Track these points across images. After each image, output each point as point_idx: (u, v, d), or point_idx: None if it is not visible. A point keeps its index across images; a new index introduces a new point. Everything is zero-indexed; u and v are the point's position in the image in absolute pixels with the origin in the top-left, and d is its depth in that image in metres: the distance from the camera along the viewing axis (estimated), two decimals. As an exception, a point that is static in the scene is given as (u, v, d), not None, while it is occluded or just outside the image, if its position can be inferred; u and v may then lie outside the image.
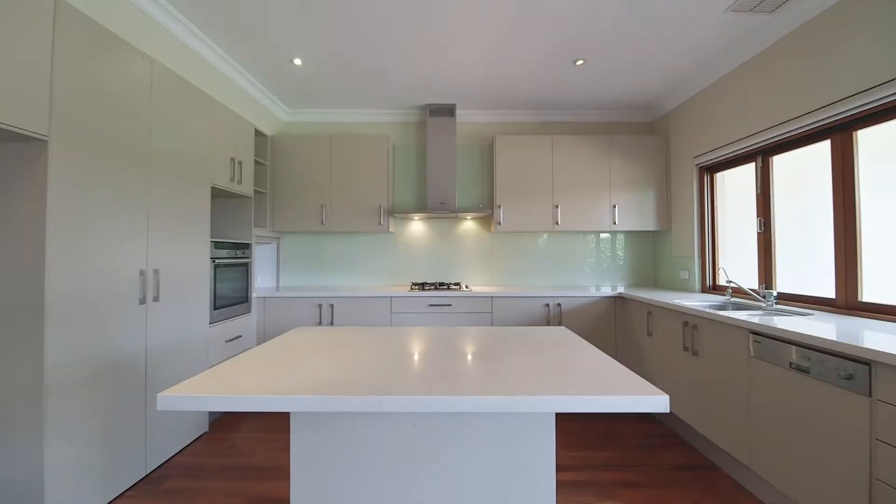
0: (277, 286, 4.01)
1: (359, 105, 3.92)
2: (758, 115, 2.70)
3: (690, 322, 2.42)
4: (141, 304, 2.11)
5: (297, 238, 4.11)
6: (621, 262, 4.09)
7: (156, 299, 2.21)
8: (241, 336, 3.11)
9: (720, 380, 2.18)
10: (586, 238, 4.11)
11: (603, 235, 4.12)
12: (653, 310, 2.88)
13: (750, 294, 2.66)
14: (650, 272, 4.08)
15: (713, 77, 3.11)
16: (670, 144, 3.75)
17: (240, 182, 3.09)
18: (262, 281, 4.01)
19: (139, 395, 2.12)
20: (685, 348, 2.46)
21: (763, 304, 2.51)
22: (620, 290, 3.54)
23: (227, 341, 2.93)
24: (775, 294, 2.46)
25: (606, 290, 3.52)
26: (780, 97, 2.53)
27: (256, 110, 3.64)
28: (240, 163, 3.08)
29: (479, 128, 4.11)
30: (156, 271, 2.21)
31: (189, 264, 2.49)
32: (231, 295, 3.02)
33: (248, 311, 3.28)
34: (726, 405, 2.14)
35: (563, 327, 1.77)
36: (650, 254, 4.09)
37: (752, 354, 1.96)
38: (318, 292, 3.43)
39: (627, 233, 4.09)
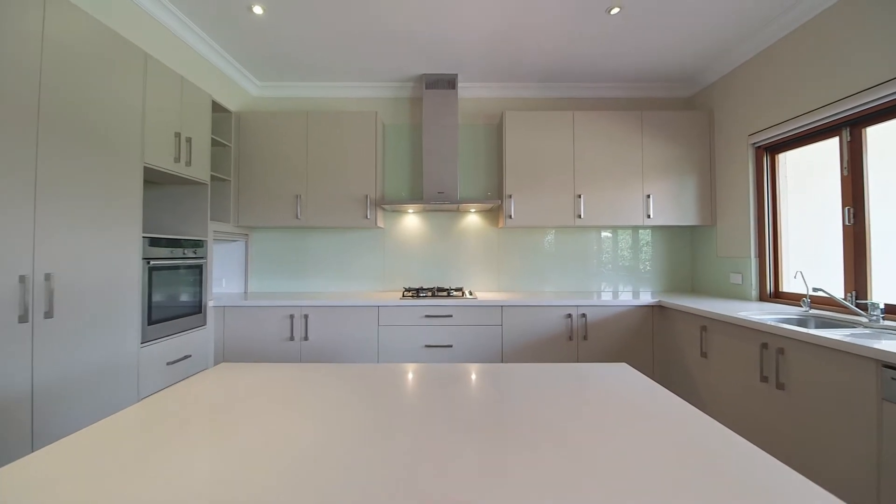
0: (246, 292, 3.45)
1: (341, 77, 3.36)
2: (844, 76, 2.14)
3: (772, 344, 1.85)
4: (22, 322, 1.55)
5: (269, 235, 3.54)
6: (649, 264, 3.53)
7: (48, 315, 1.64)
8: (189, 356, 2.54)
9: (826, 427, 1.62)
10: (612, 235, 3.55)
11: (630, 232, 3.55)
12: (710, 324, 2.31)
13: (845, 306, 2.09)
14: (686, 275, 3.52)
15: (778, 34, 2.55)
16: (715, 122, 3.19)
17: (189, 164, 2.52)
18: (227, 286, 3.45)
19: (23, 449, 1.56)
20: (763, 378, 1.89)
21: (863, 320, 1.95)
22: (648, 296, 2.98)
23: (169, 364, 2.37)
24: (881, 306, 1.90)
25: (642, 298, 2.95)
26: (880, 49, 1.97)
27: (219, 81, 3.08)
28: (188, 140, 2.52)
29: (486, 104, 3.54)
30: (48, 276, 1.64)
31: (106, 266, 1.93)
32: (177, 305, 2.46)
33: (203, 323, 2.72)
34: (837, 463, 1.57)
35: (624, 364, 1.21)
36: (686, 254, 3.53)
37: (885, 396, 1.40)
38: (289, 300, 2.87)
39: (656, 228, 3.52)
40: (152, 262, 2.24)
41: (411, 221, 3.53)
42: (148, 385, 2.20)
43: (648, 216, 3.17)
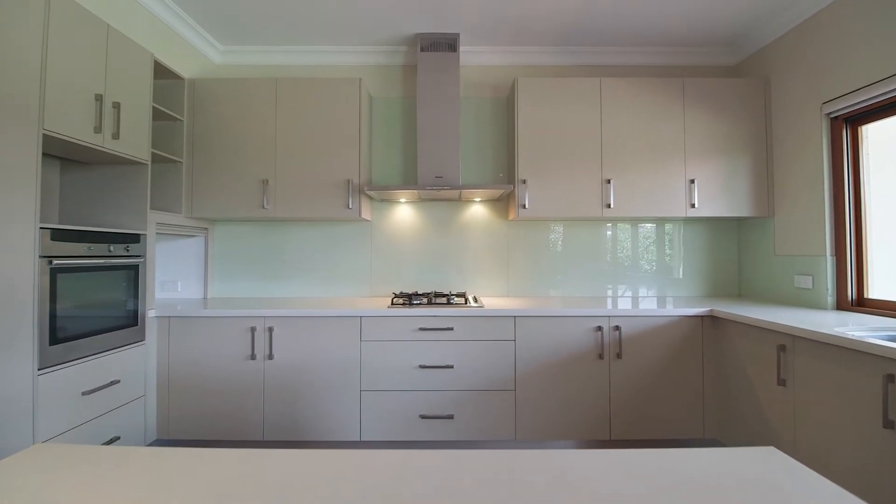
0: (206, 298, 2.96)
1: (321, 38, 2.87)
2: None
3: (905, 377, 1.36)
4: None
5: (234, 230, 3.04)
6: (685, 264, 3.03)
7: None
8: (118, 382, 2.05)
9: None
10: (645, 229, 3.05)
11: (663, 226, 3.06)
12: (793, 343, 1.82)
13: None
14: (730, 277, 3.02)
15: (869, -31, 2.06)
16: (772, 90, 2.69)
17: (116, 136, 2.03)
18: (184, 291, 2.96)
19: None
20: (888, 423, 1.40)
21: None
22: (686, 301, 2.49)
23: (85, 394, 1.87)
24: None
25: (684, 305, 2.45)
26: None
27: (173, 44, 2.58)
28: (116, 105, 2.02)
29: (493, 72, 3.05)
30: None
31: (-24, 268, 1.44)
32: (99, 316, 1.98)
33: (140, 338, 2.23)
34: None
35: (772, 449, 0.72)
36: (731, 251, 3.04)
37: None
38: (250, 309, 2.38)
39: (696, 221, 3.02)
40: (57, 263, 1.75)
41: (404, 213, 3.04)
42: (52, 424, 1.71)
43: (693, 205, 2.67)
